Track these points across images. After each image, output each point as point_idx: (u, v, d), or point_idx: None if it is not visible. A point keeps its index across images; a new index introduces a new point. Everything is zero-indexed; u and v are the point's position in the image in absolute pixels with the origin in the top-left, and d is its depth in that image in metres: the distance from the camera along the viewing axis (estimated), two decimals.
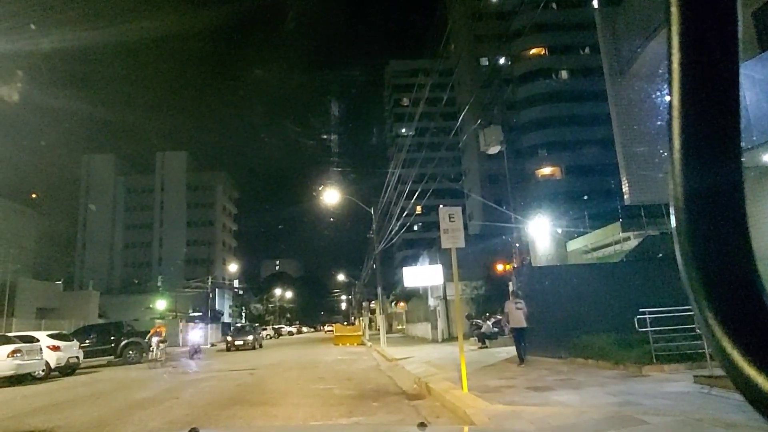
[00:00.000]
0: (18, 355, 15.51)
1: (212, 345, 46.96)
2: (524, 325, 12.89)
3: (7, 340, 16.21)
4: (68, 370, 18.75)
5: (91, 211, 79.15)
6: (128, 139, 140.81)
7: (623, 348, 10.91)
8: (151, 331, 23.06)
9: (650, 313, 10.31)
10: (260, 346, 34.41)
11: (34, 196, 60.26)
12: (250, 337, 33.20)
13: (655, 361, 9.99)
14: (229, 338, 33.99)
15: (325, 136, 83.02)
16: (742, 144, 0.59)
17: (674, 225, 0.60)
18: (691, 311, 0.59)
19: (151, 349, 22.20)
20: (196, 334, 27.80)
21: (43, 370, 17.16)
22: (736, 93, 0.58)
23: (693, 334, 9.64)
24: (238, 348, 31.79)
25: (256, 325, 46.90)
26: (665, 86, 0.61)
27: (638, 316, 10.36)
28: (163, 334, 22.44)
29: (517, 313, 12.84)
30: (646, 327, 10.19)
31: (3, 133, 41.44)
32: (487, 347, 19.16)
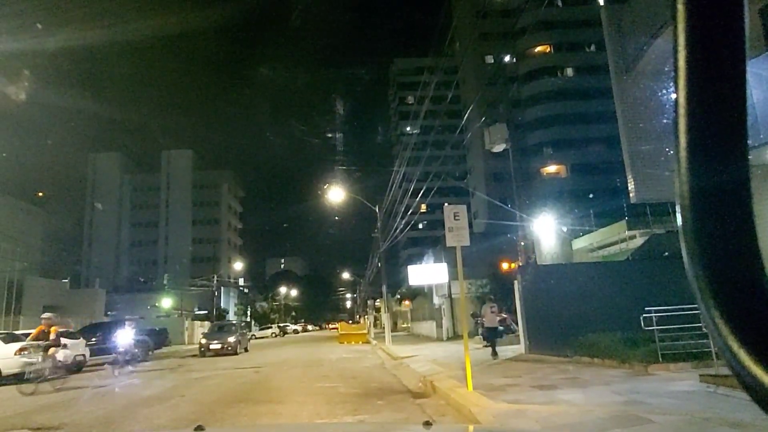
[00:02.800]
0: (25, 353, 15.60)
1: None
2: (496, 325, 16.19)
3: (15, 338, 16.31)
4: (75, 367, 18.84)
5: (98, 209, 79.57)
6: (134, 137, 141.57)
7: (629, 347, 10.87)
8: (34, 332, 14.64)
9: (656, 311, 10.28)
10: (246, 350, 27.64)
11: (40, 194, 60.49)
12: (231, 339, 25.75)
13: (660, 359, 9.96)
14: (202, 341, 26.50)
15: (330, 135, 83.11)
16: (749, 142, 0.58)
17: (680, 223, 0.60)
18: (697, 310, 0.59)
19: (33, 359, 13.88)
20: (125, 335, 18.28)
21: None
22: (743, 91, 0.57)
23: (699, 332, 9.61)
24: (216, 353, 24.81)
25: (243, 323, 40.30)
26: (671, 84, 0.60)
27: (644, 315, 10.33)
28: (53, 335, 14.27)
29: (491, 316, 15.90)
30: (652, 326, 10.16)
31: (10, 131, 41.68)
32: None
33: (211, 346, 25.20)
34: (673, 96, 0.60)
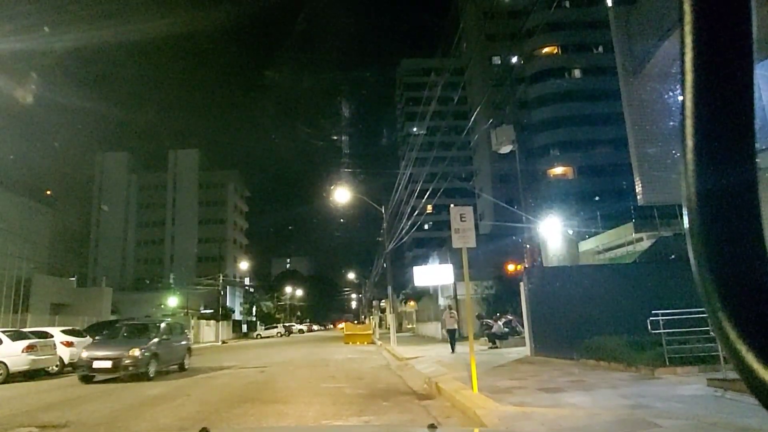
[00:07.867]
0: (32, 350, 15.69)
1: (223, 342, 47.27)
2: (455, 327, 19.48)
3: (22, 336, 16.41)
4: None
5: (104, 208, 79.98)
6: (141, 137, 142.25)
7: (635, 350, 10.83)
8: None
9: (663, 314, 10.23)
10: (181, 368, 16.71)
11: (48, 193, 60.99)
12: (135, 352, 14.06)
13: (667, 363, 9.92)
14: (84, 354, 14.39)
15: (336, 136, 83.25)
16: (757, 144, 0.58)
17: (687, 226, 0.59)
18: (704, 313, 0.59)
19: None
20: None
21: (56, 366, 17.35)
22: (750, 93, 0.57)
23: (706, 336, 9.57)
24: (106, 375, 14.23)
25: (179, 323, 21.05)
26: (678, 86, 0.60)
27: (651, 318, 10.28)
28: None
29: (450, 320, 19.47)
30: (659, 329, 10.12)
31: (19, 132, 42.02)
32: (497, 347, 19.10)
33: (96, 364, 13.94)
34: (681, 98, 0.60)
